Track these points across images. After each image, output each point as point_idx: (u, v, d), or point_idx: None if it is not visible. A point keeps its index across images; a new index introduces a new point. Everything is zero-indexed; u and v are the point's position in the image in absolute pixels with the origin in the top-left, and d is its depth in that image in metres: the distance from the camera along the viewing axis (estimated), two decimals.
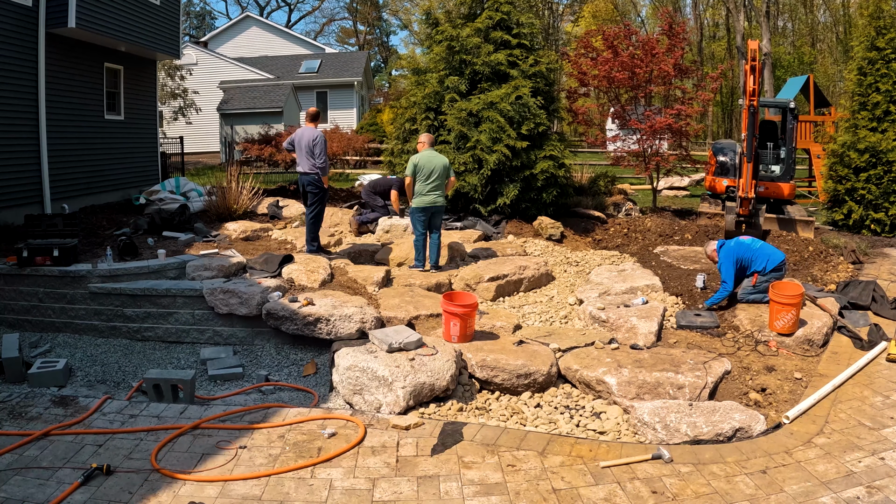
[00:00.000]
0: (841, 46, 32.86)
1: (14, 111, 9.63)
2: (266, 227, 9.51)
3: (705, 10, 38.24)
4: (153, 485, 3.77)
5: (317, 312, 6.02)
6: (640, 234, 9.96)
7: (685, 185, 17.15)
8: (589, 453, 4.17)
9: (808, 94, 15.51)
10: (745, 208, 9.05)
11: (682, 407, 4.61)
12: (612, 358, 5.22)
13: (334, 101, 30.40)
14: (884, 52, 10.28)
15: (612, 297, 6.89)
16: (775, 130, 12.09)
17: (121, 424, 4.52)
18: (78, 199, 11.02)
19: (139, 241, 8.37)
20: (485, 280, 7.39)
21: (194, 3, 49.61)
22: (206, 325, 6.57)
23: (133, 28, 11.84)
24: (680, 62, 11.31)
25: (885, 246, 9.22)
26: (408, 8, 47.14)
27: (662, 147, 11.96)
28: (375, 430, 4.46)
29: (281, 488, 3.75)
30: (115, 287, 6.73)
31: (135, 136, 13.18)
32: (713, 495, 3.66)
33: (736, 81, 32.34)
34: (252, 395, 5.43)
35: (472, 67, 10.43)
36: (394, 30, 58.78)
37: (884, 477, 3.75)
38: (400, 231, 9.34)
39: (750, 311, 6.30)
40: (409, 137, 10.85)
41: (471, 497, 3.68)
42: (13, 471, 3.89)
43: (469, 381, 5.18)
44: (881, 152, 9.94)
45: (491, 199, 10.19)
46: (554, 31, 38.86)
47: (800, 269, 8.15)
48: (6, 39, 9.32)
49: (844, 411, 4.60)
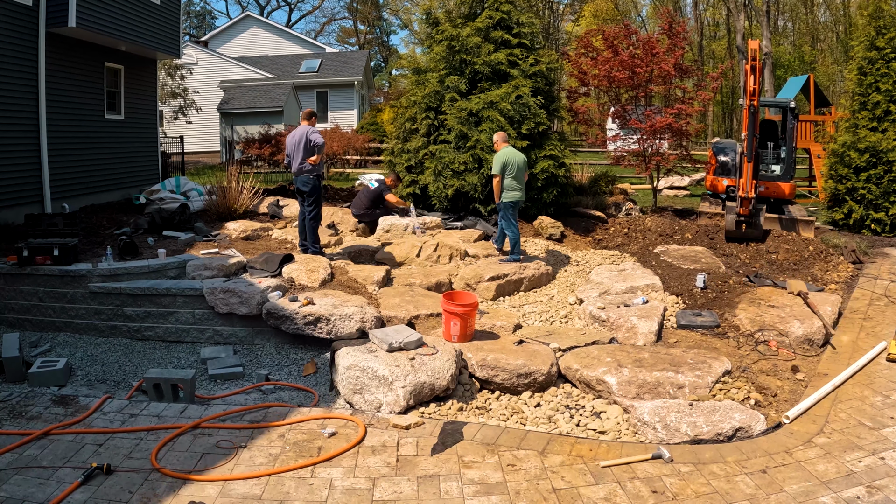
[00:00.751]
0: (841, 46, 32.85)
1: (14, 110, 9.63)
2: (266, 227, 9.51)
3: (706, 9, 38.24)
4: (153, 484, 3.77)
5: (317, 312, 6.02)
6: (641, 234, 9.96)
7: (685, 184, 17.13)
8: (589, 453, 4.17)
9: (808, 94, 15.51)
10: (746, 208, 9.05)
11: (682, 406, 4.61)
12: (612, 357, 5.22)
13: (334, 100, 30.41)
14: (884, 51, 10.27)
15: (612, 296, 6.89)
16: (776, 130, 12.08)
17: (121, 424, 4.52)
18: (78, 199, 11.02)
19: (139, 241, 8.37)
20: (485, 279, 7.39)
21: (194, 3, 49.65)
22: (207, 325, 6.57)
23: (133, 27, 11.84)
24: (680, 62, 11.31)
25: (886, 246, 9.22)
26: (408, 7, 47.14)
27: (663, 147, 11.96)
28: (375, 430, 4.46)
29: (281, 488, 3.75)
30: (115, 286, 6.73)
31: (135, 136, 13.18)
32: (713, 495, 3.65)
33: (736, 81, 32.34)
34: (252, 395, 5.43)
35: (472, 67, 10.43)
36: (394, 29, 58.83)
37: (884, 477, 3.75)
38: (400, 231, 9.34)
39: (750, 311, 6.30)
40: (409, 137, 10.85)
41: (471, 496, 3.68)
42: (13, 470, 3.89)
43: (469, 381, 5.19)
44: (881, 152, 9.93)
45: (491, 198, 10.18)
46: (554, 31, 38.84)
47: (800, 269, 8.15)
48: (6, 39, 9.32)
49: (844, 411, 4.60)
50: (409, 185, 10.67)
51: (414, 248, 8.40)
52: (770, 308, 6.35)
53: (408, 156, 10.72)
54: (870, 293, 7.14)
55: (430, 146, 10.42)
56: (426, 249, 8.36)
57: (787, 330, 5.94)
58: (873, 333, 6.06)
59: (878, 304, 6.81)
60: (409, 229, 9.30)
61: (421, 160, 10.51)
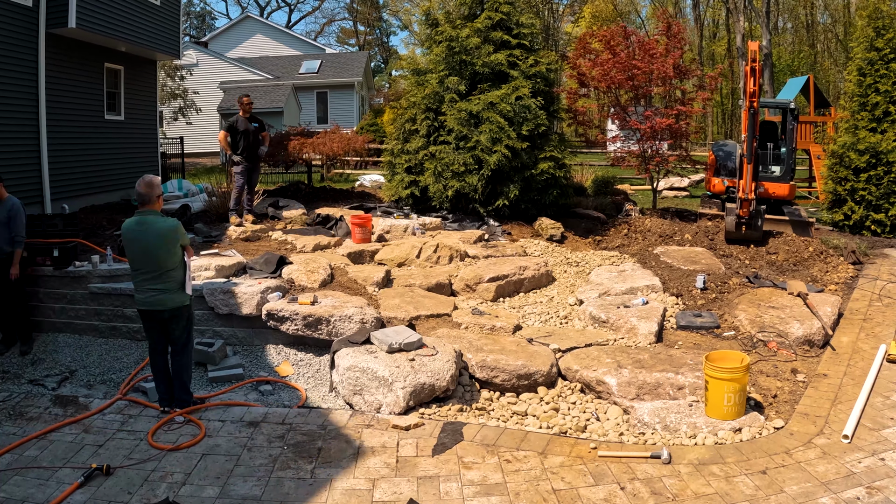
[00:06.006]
0: (841, 47, 32.87)
1: (14, 111, 9.63)
2: (266, 228, 9.51)
3: (705, 10, 38.25)
4: (153, 485, 3.77)
5: (317, 313, 6.02)
6: (641, 235, 9.96)
7: (685, 185, 17.13)
8: (589, 454, 4.17)
9: (808, 95, 15.51)
10: (746, 209, 9.04)
11: (682, 407, 4.61)
12: (612, 358, 5.22)
13: (334, 101, 30.40)
14: (883, 52, 10.27)
15: (612, 297, 6.89)
16: (775, 131, 12.07)
17: (120, 425, 4.53)
18: (78, 199, 11.01)
19: None
20: (485, 280, 7.39)
21: (194, 4, 49.63)
22: (207, 326, 6.56)
23: (133, 28, 11.84)
24: (679, 63, 11.30)
25: (886, 247, 9.22)
26: (408, 8, 47.13)
27: (663, 148, 11.96)
28: (375, 431, 4.46)
29: (281, 488, 3.75)
30: (115, 287, 6.73)
31: (135, 137, 13.17)
32: (713, 496, 3.66)
33: (736, 82, 32.33)
34: (251, 395, 5.43)
35: (471, 68, 10.43)
36: (394, 30, 58.81)
37: (884, 478, 3.75)
38: (399, 232, 9.34)
39: (750, 312, 6.30)
40: (409, 138, 10.85)
41: (471, 497, 3.68)
42: (13, 471, 3.89)
43: (470, 382, 5.18)
44: (881, 153, 9.94)
45: (491, 199, 10.19)
46: (554, 32, 38.85)
47: (799, 270, 8.15)
48: (6, 39, 9.32)
49: (844, 412, 4.60)
50: (410, 186, 10.66)
51: (414, 248, 8.40)
52: (770, 309, 6.35)
53: (408, 157, 10.72)
54: (870, 294, 7.14)
55: (430, 147, 10.42)
56: (426, 250, 8.36)
57: (787, 331, 5.94)
58: (873, 334, 6.07)
59: (878, 305, 6.81)
60: (409, 230, 9.30)
61: (421, 161, 10.51)
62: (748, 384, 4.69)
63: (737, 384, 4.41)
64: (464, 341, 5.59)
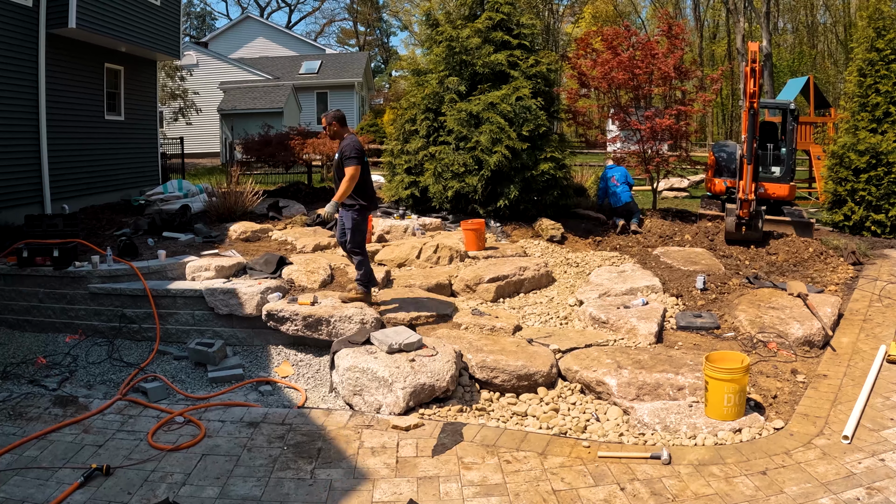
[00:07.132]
0: (841, 47, 32.88)
1: (14, 111, 9.63)
2: (266, 228, 9.50)
3: (705, 11, 38.27)
4: (153, 485, 3.77)
5: (317, 313, 6.02)
6: (640, 235, 9.96)
7: (685, 186, 17.14)
8: (589, 454, 4.17)
9: (808, 96, 15.52)
10: (746, 210, 9.04)
11: (682, 408, 4.61)
12: (612, 359, 5.22)
13: (334, 101, 30.42)
14: (883, 53, 10.28)
15: (612, 298, 6.89)
16: (775, 132, 12.08)
17: (120, 425, 4.53)
18: (78, 200, 11.02)
19: (139, 242, 8.37)
20: (485, 281, 7.39)
21: (195, 4, 49.69)
22: (207, 326, 6.56)
23: (133, 28, 11.84)
24: (680, 63, 11.30)
25: (886, 247, 9.22)
26: (408, 9, 47.18)
27: (663, 148, 11.96)
28: (375, 431, 4.46)
29: (281, 489, 3.76)
30: (115, 287, 6.73)
31: (135, 137, 13.17)
32: (713, 496, 3.66)
33: (736, 83, 32.34)
34: (251, 396, 5.43)
35: (472, 68, 10.43)
36: (394, 31, 58.91)
37: (884, 478, 3.75)
38: (399, 232, 9.34)
39: (750, 313, 6.30)
40: (409, 138, 10.85)
41: (471, 498, 3.68)
42: (13, 471, 3.89)
43: (470, 382, 5.18)
44: (881, 154, 9.94)
45: (491, 200, 10.18)
46: (554, 32, 38.87)
47: (799, 271, 8.15)
48: (6, 40, 9.32)
49: (844, 412, 4.60)
50: (410, 187, 10.66)
51: (414, 249, 8.40)
52: (770, 309, 6.35)
53: (408, 157, 10.71)
54: (870, 294, 7.14)
55: (430, 147, 10.42)
56: (426, 251, 8.36)
57: (787, 331, 5.94)
58: (873, 335, 6.07)
59: (878, 306, 6.81)
60: (409, 231, 9.30)
61: (421, 161, 10.51)
62: (748, 385, 4.69)
63: (737, 385, 4.41)
64: (464, 342, 5.59)
